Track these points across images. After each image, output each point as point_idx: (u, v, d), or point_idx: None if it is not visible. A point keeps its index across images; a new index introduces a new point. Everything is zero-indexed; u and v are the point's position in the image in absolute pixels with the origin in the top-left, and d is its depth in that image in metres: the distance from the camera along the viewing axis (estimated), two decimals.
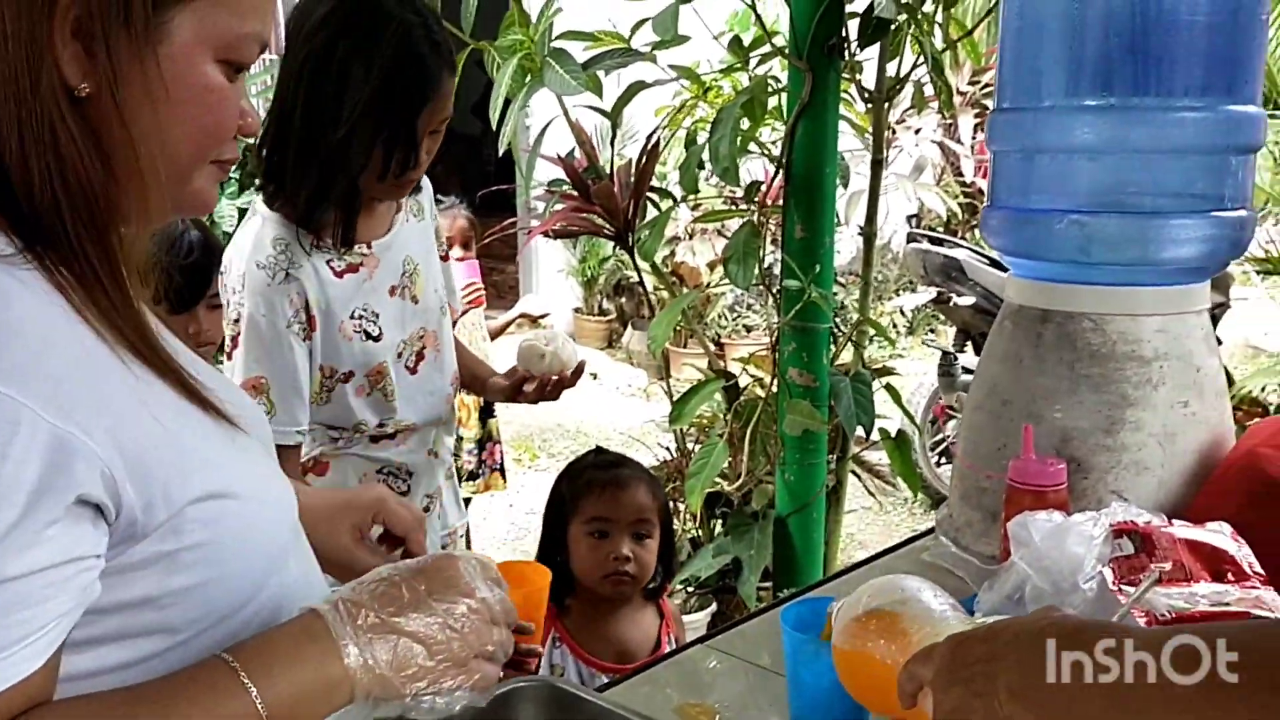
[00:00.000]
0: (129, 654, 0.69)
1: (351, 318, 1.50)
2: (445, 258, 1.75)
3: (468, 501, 3.55)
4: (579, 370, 1.71)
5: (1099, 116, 1.27)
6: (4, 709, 0.61)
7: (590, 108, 2.56)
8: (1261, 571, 1.10)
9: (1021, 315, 1.38)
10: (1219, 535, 1.15)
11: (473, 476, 3.46)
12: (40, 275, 0.66)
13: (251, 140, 1.50)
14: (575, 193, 2.61)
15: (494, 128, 2.35)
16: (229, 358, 1.46)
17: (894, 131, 5.56)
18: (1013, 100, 1.37)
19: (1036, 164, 1.35)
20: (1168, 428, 1.30)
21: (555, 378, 1.69)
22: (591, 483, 1.65)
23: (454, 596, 0.76)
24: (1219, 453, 1.33)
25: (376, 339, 1.52)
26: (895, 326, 6.42)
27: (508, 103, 2.34)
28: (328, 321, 1.47)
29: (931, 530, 1.53)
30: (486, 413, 3.49)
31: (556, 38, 2.40)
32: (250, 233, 1.46)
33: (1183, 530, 1.15)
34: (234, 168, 5.24)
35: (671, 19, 2.22)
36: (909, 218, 6.66)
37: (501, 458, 3.58)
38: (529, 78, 2.34)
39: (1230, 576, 1.09)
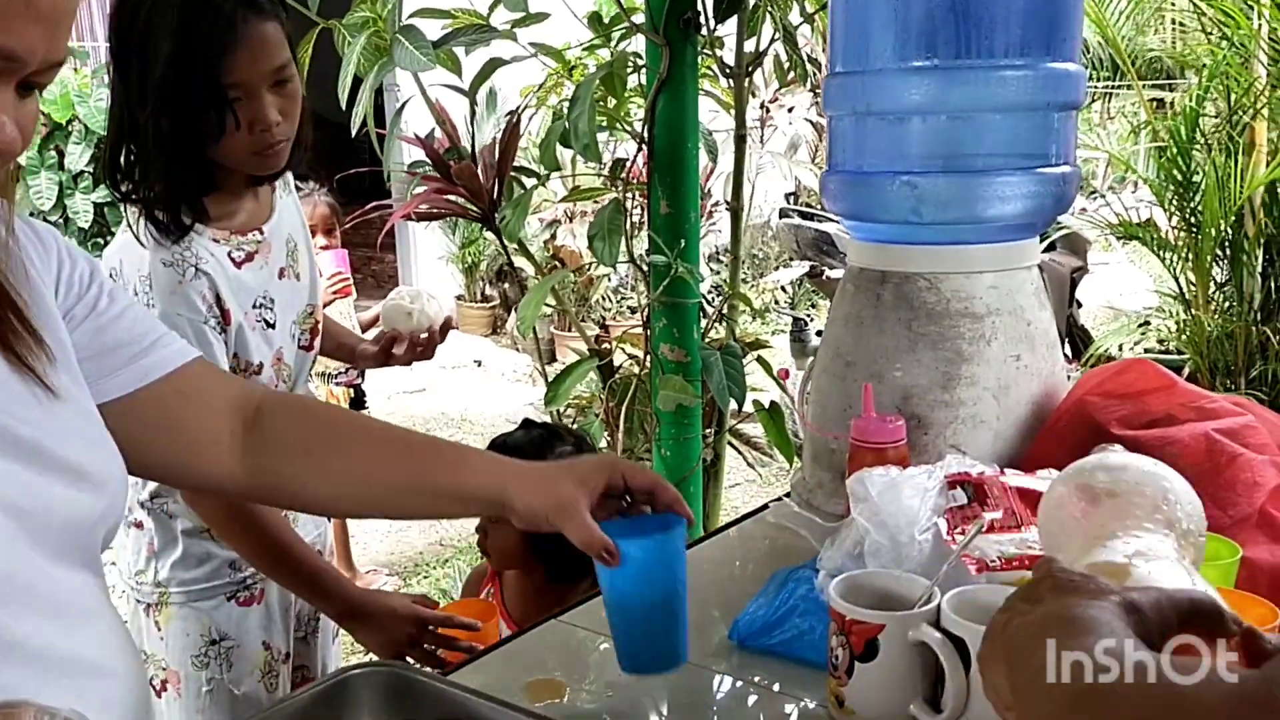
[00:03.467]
0: None
1: (254, 307, 1.46)
2: None
3: None
4: (447, 325, 1.70)
5: (925, 78, 1.29)
6: None
7: (449, 86, 2.51)
8: None
9: (861, 277, 1.40)
10: (1047, 482, 1.18)
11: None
12: None
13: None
14: (437, 174, 2.56)
15: (344, 108, 2.29)
16: None
17: (767, 110, 5.63)
18: (844, 64, 1.39)
19: (868, 127, 1.37)
20: (1001, 381, 1.34)
21: (425, 335, 1.66)
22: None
23: None
24: (1051, 403, 1.37)
25: (273, 326, 1.49)
26: (777, 302, 6.51)
27: (359, 83, 2.29)
28: (236, 313, 1.42)
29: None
30: (357, 404, 3.42)
31: (409, 16, 2.34)
32: (135, 233, 1.38)
33: (1015, 479, 1.18)
34: (87, 162, 4.99)
35: None
36: (787, 195, 6.75)
37: None
38: (382, 56, 2.29)
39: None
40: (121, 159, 1.38)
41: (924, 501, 1.11)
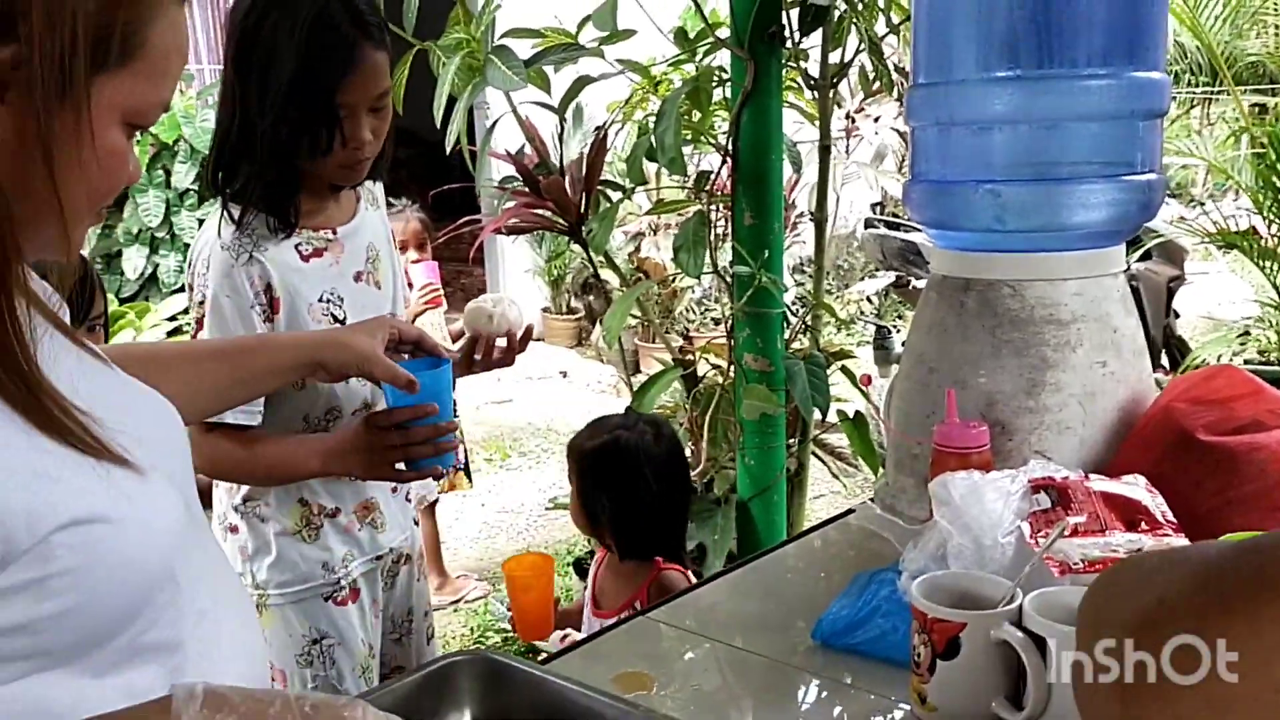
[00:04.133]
0: (7, 676, 0.68)
1: (320, 300, 1.53)
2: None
3: (434, 502, 3.57)
4: (528, 334, 1.75)
5: (1008, 88, 1.31)
6: None
7: (538, 104, 2.59)
8: (1174, 520, 1.14)
9: (945, 285, 1.42)
10: (1134, 487, 1.18)
11: (437, 477, 3.48)
12: None
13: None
14: (527, 189, 2.64)
15: (439, 126, 2.37)
16: (194, 339, 1.50)
17: (853, 120, 5.61)
18: (927, 75, 1.41)
19: (951, 137, 1.39)
20: (1087, 387, 1.34)
21: (504, 340, 1.70)
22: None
23: None
24: (1138, 409, 1.37)
25: (341, 322, 1.55)
26: (861, 313, 6.46)
27: (454, 103, 2.37)
28: (294, 303, 1.49)
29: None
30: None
31: (501, 36, 2.42)
32: (211, 224, 1.50)
33: (1099, 484, 1.19)
34: (193, 180, 5.19)
35: (610, 13, 2.25)
36: (873, 206, 6.71)
37: (466, 458, 3.60)
38: (475, 76, 2.36)
39: (1143, 526, 1.13)
40: (226, 161, 1.49)
41: (1007, 505, 1.13)
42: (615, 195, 2.78)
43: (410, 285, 3.39)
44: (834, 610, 1.21)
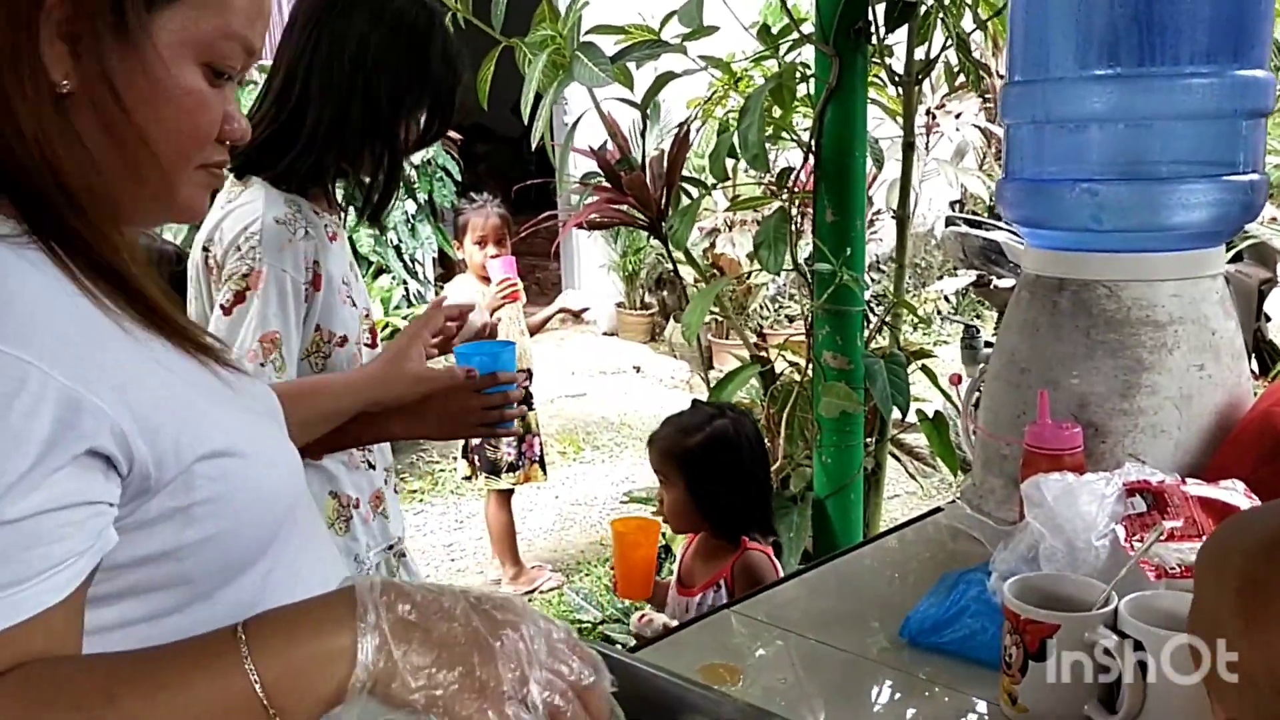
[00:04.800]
0: (151, 607, 0.72)
1: (343, 283, 1.56)
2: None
3: (509, 493, 3.62)
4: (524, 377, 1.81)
5: (1107, 86, 1.29)
6: (24, 643, 0.62)
7: (621, 100, 2.61)
8: None
9: (1038, 284, 1.41)
10: (1231, 492, 1.17)
11: (512, 469, 3.53)
12: (45, 256, 0.69)
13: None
14: (608, 185, 2.66)
15: (526, 123, 2.40)
16: (227, 313, 1.45)
17: (934, 117, 5.54)
18: (1023, 73, 1.40)
19: (1048, 135, 1.37)
20: (1184, 390, 1.32)
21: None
22: None
23: (520, 631, 0.68)
24: (1236, 414, 1.34)
25: (356, 306, 1.58)
26: (939, 312, 6.39)
27: (539, 99, 2.40)
28: (330, 284, 1.52)
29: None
30: (525, 405, 3.55)
31: (586, 32, 2.44)
32: (256, 198, 1.49)
33: (1195, 488, 1.17)
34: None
35: (696, 10, 2.26)
36: (952, 203, 6.62)
37: (541, 450, 3.64)
38: (560, 73, 2.39)
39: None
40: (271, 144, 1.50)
41: (1101, 508, 1.11)
42: (695, 192, 2.79)
43: (488, 280, 3.44)
44: (921, 609, 1.20)
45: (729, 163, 2.71)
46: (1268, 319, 4.65)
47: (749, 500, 2.06)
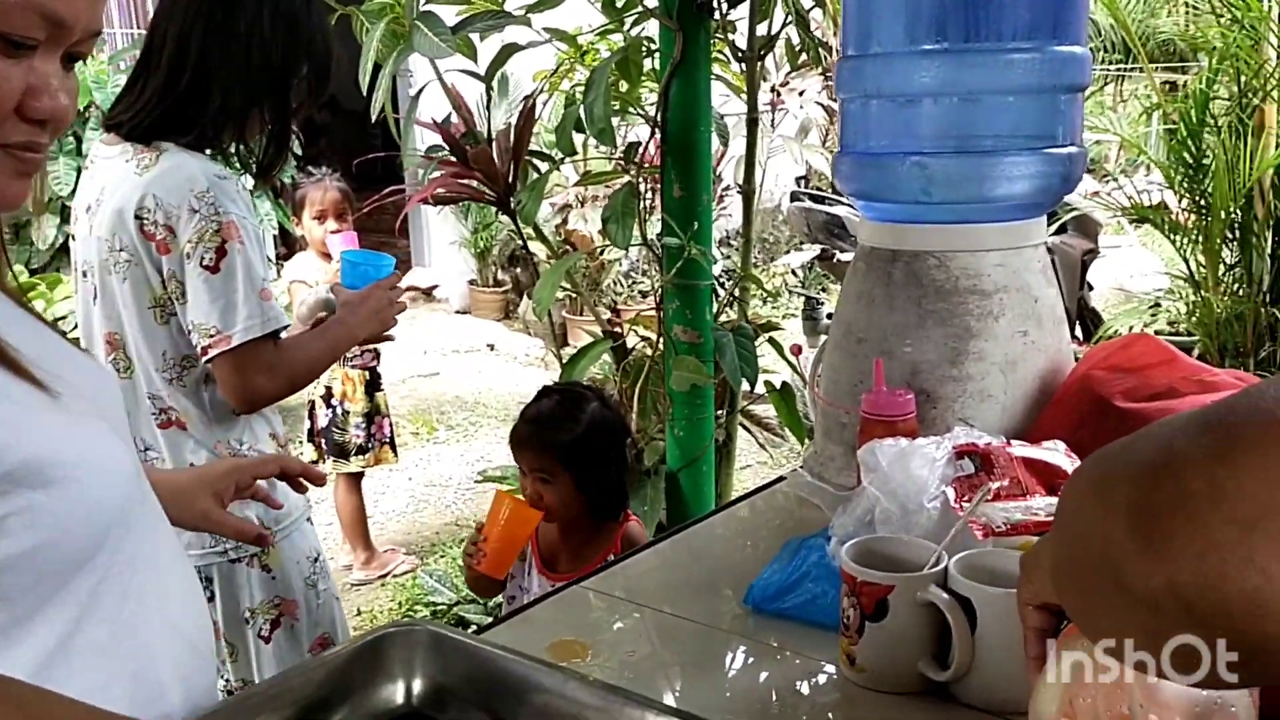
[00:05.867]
0: None
1: None
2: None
3: (359, 476, 3.54)
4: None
5: (935, 61, 1.32)
6: None
7: (465, 72, 2.55)
8: None
9: (873, 256, 1.44)
10: (1054, 453, 1.22)
11: (361, 451, 3.44)
12: None
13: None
14: (453, 159, 2.60)
15: (364, 94, 2.32)
16: (215, 270, 1.51)
17: (779, 94, 5.64)
18: (856, 48, 1.42)
19: (880, 109, 1.41)
20: (1009, 356, 1.38)
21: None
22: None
23: None
24: (1058, 378, 1.40)
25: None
26: (787, 285, 6.53)
27: (378, 70, 2.32)
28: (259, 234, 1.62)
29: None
30: (373, 386, 3.47)
31: (427, 1, 2.38)
32: (182, 161, 1.54)
33: (1020, 449, 1.22)
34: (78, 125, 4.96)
35: None
36: (798, 179, 6.77)
37: (391, 431, 3.57)
38: (400, 43, 2.32)
39: (1062, 489, 1.16)
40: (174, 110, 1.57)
41: (932, 471, 1.15)
42: (544, 166, 2.76)
43: (329, 257, 3.33)
44: (764, 576, 1.22)
45: (579, 137, 2.70)
46: (1090, 287, 4.92)
47: (625, 475, 2.04)
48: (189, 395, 1.59)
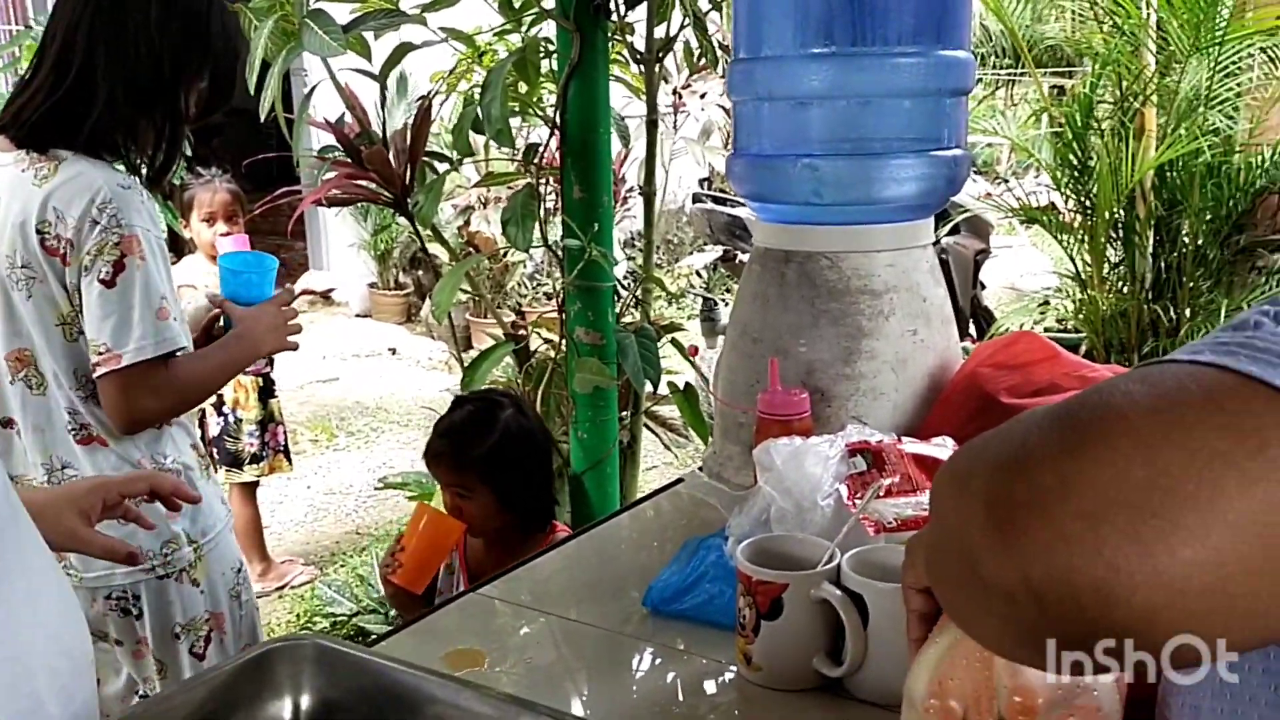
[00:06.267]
0: None
1: None
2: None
3: (254, 486, 3.45)
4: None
5: (823, 64, 1.34)
6: None
7: (359, 71, 2.51)
8: None
9: (767, 257, 1.45)
10: (943, 449, 1.24)
11: (255, 460, 3.36)
12: None
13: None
14: (348, 160, 2.55)
15: (253, 93, 2.26)
16: (110, 285, 1.44)
17: (680, 96, 5.67)
18: (747, 51, 1.44)
19: (771, 112, 1.42)
20: (899, 355, 1.40)
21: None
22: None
23: None
24: (946, 375, 1.44)
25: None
26: (692, 286, 6.57)
27: (267, 68, 2.27)
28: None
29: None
30: (267, 393, 3.39)
31: (318, 0, 2.33)
32: (82, 169, 1.46)
33: (911, 446, 1.24)
34: None
35: None
36: (701, 181, 6.82)
37: (286, 439, 3.49)
38: (290, 41, 2.27)
39: (933, 481, 1.19)
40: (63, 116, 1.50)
41: (826, 469, 1.16)
42: (442, 167, 2.72)
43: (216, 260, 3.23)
44: (663, 577, 1.22)
45: (480, 138, 2.66)
46: (983, 286, 5.06)
47: (550, 482, 1.99)
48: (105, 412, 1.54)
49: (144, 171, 1.57)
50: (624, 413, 2.69)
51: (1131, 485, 0.42)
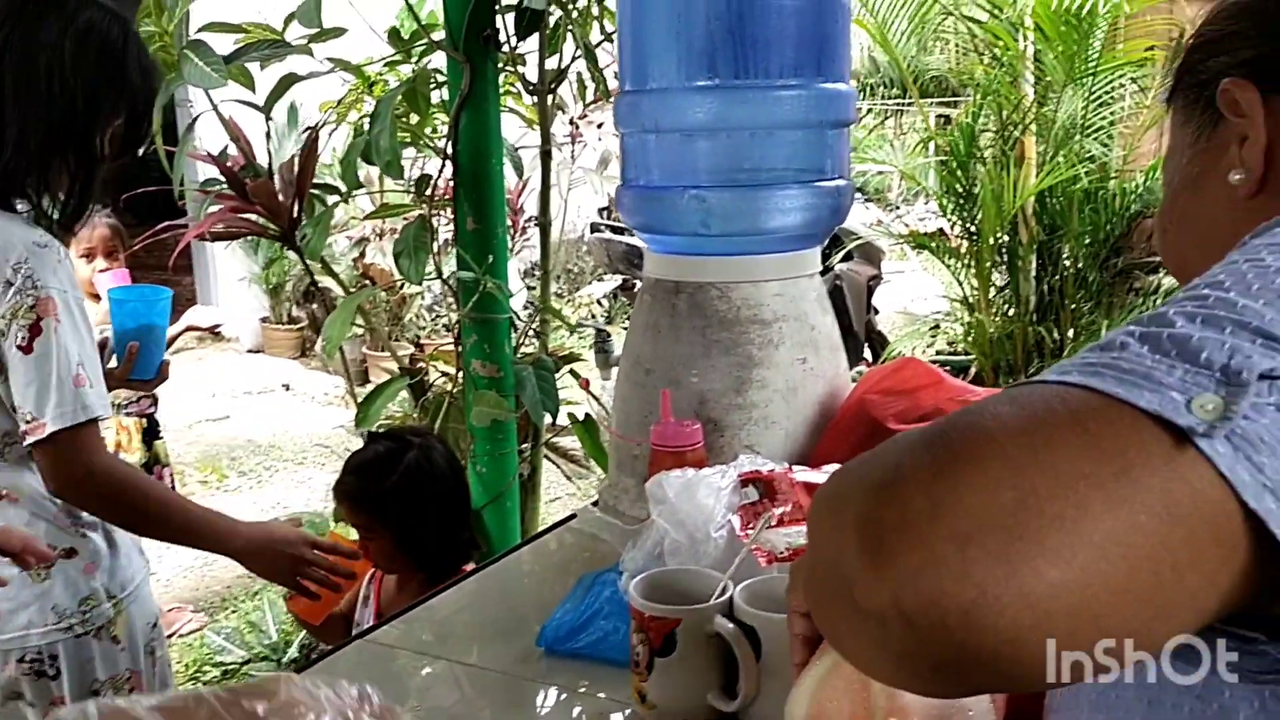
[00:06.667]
0: None
1: None
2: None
3: None
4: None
5: (707, 97, 1.36)
6: None
7: (243, 102, 2.45)
8: None
9: (658, 288, 1.45)
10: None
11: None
12: None
13: None
14: (232, 192, 2.49)
15: None
16: (28, 350, 1.37)
17: (577, 126, 5.69)
18: (633, 83, 1.44)
19: (658, 143, 1.43)
20: (789, 383, 1.41)
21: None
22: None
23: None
24: (836, 402, 1.45)
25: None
26: (593, 315, 6.57)
27: None
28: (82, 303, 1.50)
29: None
30: (151, 434, 3.26)
31: (198, 30, 2.27)
32: (2, 227, 1.38)
33: (802, 474, 1.25)
34: None
35: (315, 11, 2.16)
36: (600, 210, 6.83)
37: (172, 481, 3.36)
38: (170, 72, 2.21)
39: (810, 505, 1.20)
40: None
41: (719, 500, 1.16)
42: (332, 199, 2.67)
43: (98, 298, 3.10)
44: (557, 616, 1.20)
45: (372, 170, 2.62)
46: (876, 311, 5.17)
47: (460, 525, 1.92)
48: (13, 469, 1.46)
49: (54, 216, 1.48)
50: (524, 445, 2.67)
51: (1000, 507, 0.42)
